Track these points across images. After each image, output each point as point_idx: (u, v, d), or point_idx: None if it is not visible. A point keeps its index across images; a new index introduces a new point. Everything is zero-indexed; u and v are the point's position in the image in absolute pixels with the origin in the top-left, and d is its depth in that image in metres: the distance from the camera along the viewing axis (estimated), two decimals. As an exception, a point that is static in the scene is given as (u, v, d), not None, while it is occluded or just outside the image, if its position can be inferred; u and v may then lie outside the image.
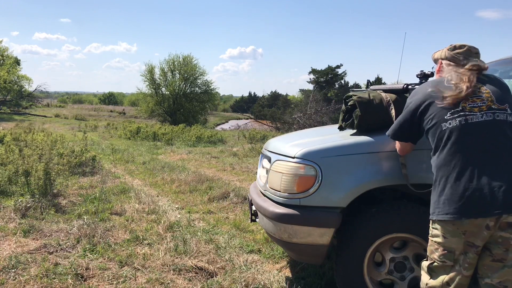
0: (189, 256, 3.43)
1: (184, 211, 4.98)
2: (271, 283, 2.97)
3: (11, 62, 32.80)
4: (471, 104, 1.84)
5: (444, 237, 1.85)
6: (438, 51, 2.18)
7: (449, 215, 1.80)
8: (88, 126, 19.83)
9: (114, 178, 6.83)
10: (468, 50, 2.04)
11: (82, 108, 49.20)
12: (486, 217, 1.74)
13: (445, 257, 1.86)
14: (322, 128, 3.98)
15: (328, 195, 2.40)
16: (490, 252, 1.81)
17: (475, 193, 1.75)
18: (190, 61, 33.30)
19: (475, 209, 1.75)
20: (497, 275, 1.81)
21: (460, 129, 1.82)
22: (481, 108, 1.84)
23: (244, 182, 6.71)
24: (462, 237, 1.81)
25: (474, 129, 1.81)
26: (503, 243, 1.77)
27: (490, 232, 1.76)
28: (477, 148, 1.80)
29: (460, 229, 1.80)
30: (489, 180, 1.74)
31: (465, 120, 1.82)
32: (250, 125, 22.24)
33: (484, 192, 1.74)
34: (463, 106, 1.85)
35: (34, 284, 2.85)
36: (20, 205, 4.45)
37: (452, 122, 1.84)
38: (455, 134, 1.82)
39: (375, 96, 2.58)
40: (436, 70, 2.17)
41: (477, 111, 1.83)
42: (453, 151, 1.82)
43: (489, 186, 1.74)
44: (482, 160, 1.78)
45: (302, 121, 17.30)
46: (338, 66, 35.16)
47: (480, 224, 1.76)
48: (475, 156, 1.79)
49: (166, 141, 13.43)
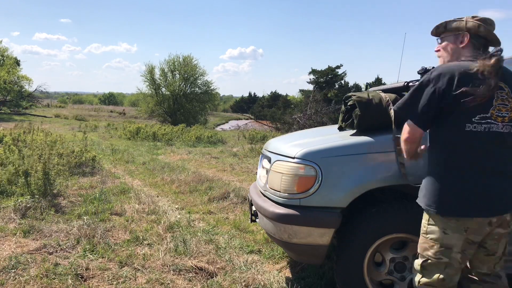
0: (189, 257, 3.43)
1: (184, 211, 4.98)
2: (271, 283, 2.97)
3: (11, 63, 32.81)
4: (497, 113, 1.81)
5: (445, 233, 1.86)
6: (458, 20, 1.95)
7: (456, 211, 1.83)
8: (88, 126, 19.82)
9: (114, 178, 6.83)
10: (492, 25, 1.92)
11: (82, 108, 49.24)
12: (491, 216, 1.82)
13: (442, 254, 1.88)
14: (322, 129, 3.98)
15: (328, 195, 2.39)
16: (484, 248, 1.91)
17: (482, 195, 1.80)
18: (190, 62, 33.34)
19: (482, 209, 1.81)
20: (486, 265, 1.96)
21: (482, 135, 1.80)
22: (504, 119, 1.81)
23: (244, 183, 6.71)
24: (464, 234, 1.84)
25: (492, 138, 1.81)
26: (497, 239, 1.90)
27: (491, 228, 1.85)
28: (489, 156, 1.82)
29: (463, 226, 1.83)
30: (495, 185, 1.81)
31: (488, 128, 1.80)
32: (250, 126, 22.23)
33: (490, 195, 1.81)
34: (491, 113, 1.80)
35: (34, 284, 2.85)
36: (20, 205, 4.45)
37: (478, 127, 1.80)
38: (477, 138, 1.80)
39: (374, 96, 2.58)
40: (465, 43, 1.92)
41: (499, 121, 1.81)
42: (467, 153, 1.82)
43: (495, 190, 1.81)
44: (492, 168, 1.82)
45: (302, 122, 17.30)
46: (338, 67, 35.16)
47: (483, 221, 1.82)
48: (486, 162, 1.81)
49: (166, 142, 13.43)
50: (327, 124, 14.29)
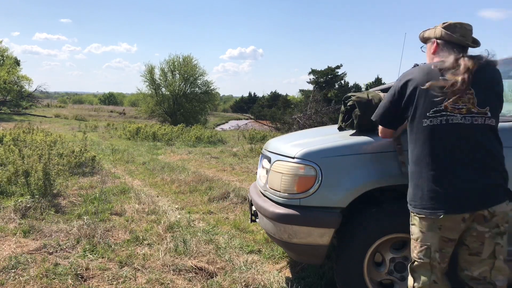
0: (189, 257, 3.43)
1: (184, 211, 4.98)
2: (271, 283, 2.97)
3: (11, 63, 32.83)
4: (453, 105, 1.83)
5: (421, 231, 1.89)
6: (428, 30, 2.08)
7: (427, 210, 1.84)
8: (88, 126, 19.84)
9: (114, 178, 6.83)
10: (464, 28, 1.97)
11: (82, 108, 49.25)
12: (464, 212, 1.81)
13: (423, 254, 1.89)
14: (322, 129, 3.98)
15: (328, 195, 2.40)
16: (466, 246, 1.89)
17: (452, 190, 1.81)
18: (190, 62, 33.35)
19: (453, 205, 1.80)
20: (476, 268, 1.89)
21: (440, 128, 1.84)
22: (461, 111, 1.83)
23: (244, 183, 6.71)
24: (438, 232, 1.85)
25: (453, 129, 1.83)
26: (478, 236, 1.85)
27: (466, 224, 1.83)
28: (453, 148, 1.83)
29: (436, 223, 1.84)
30: (464, 179, 1.80)
31: (446, 121, 1.84)
32: (250, 126, 22.22)
33: (460, 189, 1.80)
34: (445, 105, 1.83)
35: (34, 284, 2.85)
36: (20, 205, 4.45)
37: (434, 120, 1.85)
38: (435, 132, 1.85)
39: (374, 96, 2.59)
40: (433, 50, 2.03)
41: (457, 113, 1.83)
42: (431, 148, 1.85)
43: (464, 184, 1.80)
44: (458, 160, 1.82)
45: (302, 122, 17.30)
46: (338, 67, 35.17)
47: (456, 218, 1.82)
48: (451, 155, 1.83)
49: (166, 142, 13.43)
50: (327, 124, 14.29)
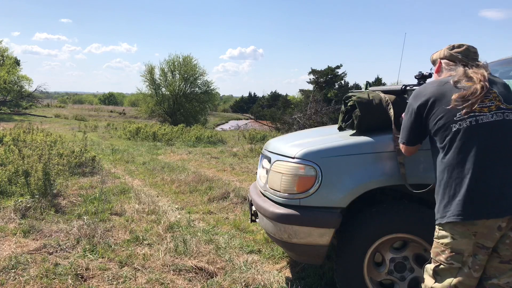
0: (189, 257, 3.43)
1: (184, 211, 4.98)
2: (271, 283, 2.97)
3: (11, 63, 32.82)
4: (480, 105, 1.80)
5: (453, 238, 1.81)
6: (436, 52, 2.16)
7: (460, 216, 1.76)
8: (88, 126, 19.82)
9: (114, 178, 6.83)
10: (467, 49, 2.03)
11: (82, 108, 49.23)
12: (498, 217, 1.73)
13: (453, 259, 1.82)
14: (322, 129, 3.98)
15: (328, 195, 2.40)
16: (497, 253, 1.81)
17: (487, 193, 1.74)
18: (190, 62, 33.32)
19: (487, 209, 1.73)
20: (505, 276, 1.81)
21: (471, 130, 1.78)
22: (490, 108, 1.80)
23: (244, 183, 6.71)
24: (473, 238, 1.78)
25: (485, 129, 1.78)
26: (510, 244, 1.77)
27: (502, 232, 1.76)
28: (488, 149, 1.77)
29: (470, 230, 1.77)
30: (500, 180, 1.74)
31: (476, 121, 1.79)
32: (250, 126, 22.22)
33: (496, 193, 1.73)
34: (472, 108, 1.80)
35: (34, 284, 2.85)
36: (20, 205, 4.45)
37: (463, 123, 1.80)
38: (466, 135, 1.79)
39: (374, 96, 2.59)
40: (436, 69, 2.14)
41: (486, 111, 1.79)
42: (464, 152, 1.79)
43: (501, 186, 1.73)
44: (493, 161, 1.76)
45: (302, 122, 17.29)
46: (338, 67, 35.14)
47: (491, 225, 1.74)
48: (486, 156, 1.76)
49: (166, 142, 13.43)
50: (327, 124, 14.29)
